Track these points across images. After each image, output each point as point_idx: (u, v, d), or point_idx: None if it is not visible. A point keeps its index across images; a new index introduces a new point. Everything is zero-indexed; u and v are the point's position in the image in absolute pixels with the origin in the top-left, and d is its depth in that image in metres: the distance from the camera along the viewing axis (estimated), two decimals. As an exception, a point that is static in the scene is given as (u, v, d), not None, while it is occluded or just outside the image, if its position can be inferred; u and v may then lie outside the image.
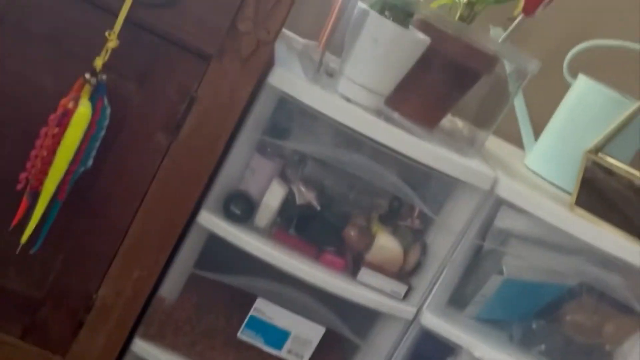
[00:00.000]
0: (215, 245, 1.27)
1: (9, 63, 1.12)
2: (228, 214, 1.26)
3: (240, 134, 1.22)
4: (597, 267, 1.32)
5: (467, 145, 1.34)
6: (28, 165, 1.10)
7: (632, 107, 1.31)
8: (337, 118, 1.20)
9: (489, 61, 1.32)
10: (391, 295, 1.31)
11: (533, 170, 1.45)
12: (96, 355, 1.26)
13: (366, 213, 1.33)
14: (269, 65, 1.20)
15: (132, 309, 1.25)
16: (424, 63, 1.25)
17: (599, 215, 1.30)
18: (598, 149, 1.33)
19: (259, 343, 1.31)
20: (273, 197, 1.27)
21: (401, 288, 1.31)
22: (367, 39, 1.21)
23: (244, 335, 1.31)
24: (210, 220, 1.25)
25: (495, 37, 1.37)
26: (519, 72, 1.32)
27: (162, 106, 1.16)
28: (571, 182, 1.32)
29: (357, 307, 1.30)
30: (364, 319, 1.36)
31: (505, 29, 1.35)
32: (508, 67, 1.36)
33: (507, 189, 1.26)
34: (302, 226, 1.30)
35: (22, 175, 1.11)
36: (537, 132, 1.48)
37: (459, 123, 1.49)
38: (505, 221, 1.30)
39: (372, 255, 1.30)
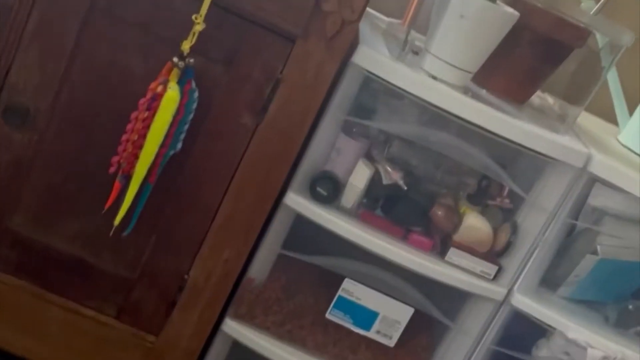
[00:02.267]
0: (302, 226, 1.27)
1: (100, 48, 1.15)
2: (314, 195, 1.26)
3: (326, 115, 1.22)
4: (697, 246, 1.27)
5: (558, 121, 1.30)
6: (119, 149, 1.13)
7: None
8: (423, 96, 1.19)
9: (580, 34, 1.27)
10: (481, 276, 1.29)
11: (627, 146, 1.40)
12: (188, 334, 1.28)
13: (454, 192, 1.31)
14: (353, 44, 1.19)
15: (223, 289, 1.27)
16: (513, 38, 1.22)
17: (699, 192, 1.25)
18: (698, 123, 1.28)
19: (347, 323, 1.31)
20: (359, 178, 1.26)
21: (491, 268, 1.29)
22: (453, 15, 1.18)
23: (332, 315, 1.31)
24: (297, 201, 1.25)
25: (586, 9, 1.33)
26: (612, 46, 1.27)
27: (249, 88, 1.17)
28: (669, 159, 1.27)
29: (446, 288, 1.29)
30: (454, 300, 1.34)
31: (597, 0, 1.31)
32: (600, 40, 1.32)
33: (601, 165, 1.22)
34: (389, 206, 1.29)
35: (114, 159, 1.13)
36: (632, 107, 1.43)
37: (550, 99, 1.45)
38: (599, 199, 1.26)
39: (460, 236, 1.28)
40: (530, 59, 1.28)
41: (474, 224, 1.29)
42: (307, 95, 1.16)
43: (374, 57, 1.19)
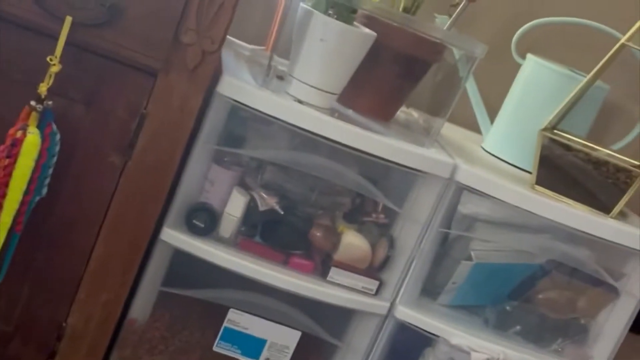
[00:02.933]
0: (182, 260, 1.26)
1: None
2: (191, 228, 1.25)
3: (195, 147, 1.21)
4: (564, 243, 1.33)
5: (423, 135, 1.34)
6: (-18, 199, 1.09)
7: (582, 82, 1.32)
8: (290, 121, 1.20)
9: (437, 49, 1.32)
10: (363, 292, 1.30)
11: (491, 153, 1.45)
12: (72, 384, 1.24)
13: (330, 213, 1.33)
14: (217, 74, 1.19)
15: (104, 333, 1.23)
16: (373, 57, 1.25)
17: (560, 192, 1.31)
18: (553, 126, 1.34)
19: (236, 354, 1.30)
20: (235, 206, 1.26)
21: (372, 284, 1.31)
22: (313, 39, 1.20)
23: (220, 347, 1.30)
24: (173, 236, 1.24)
25: (440, 24, 1.38)
26: (467, 58, 1.32)
27: (113, 126, 1.15)
28: (530, 162, 1.33)
29: (331, 307, 1.30)
30: (339, 318, 1.36)
31: (450, 16, 1.36)
32: (457, 52, 1.37)
33: (467, 174, 1.27)
34: (268, 232, 1.29)
35: (-23, 210, 1.09)
36: (493, 115, 1.49)
37: (415, 113, 1.49)
38: (468, 207, 1.30)
39: (340, 254, 1.30)
40: (391, 77, 1.32)
41: (352, 242, 1.31)
42: (173, 129, 1.15)
43: (238, 85, 1.19)
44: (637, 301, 1.35)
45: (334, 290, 1.29)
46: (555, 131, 1.34)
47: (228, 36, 1.15)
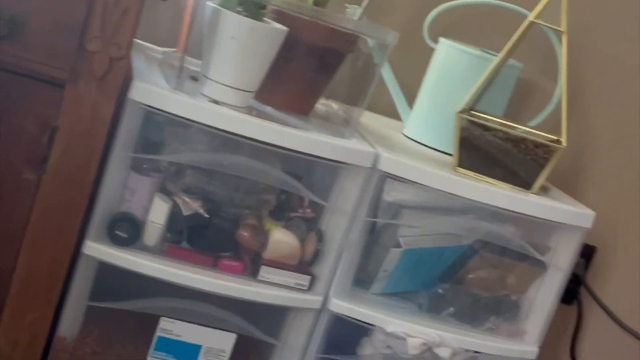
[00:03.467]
0: (108, 272, 1.23)
1: None
2: (114, 239, 1.22)
3: (112, 156, 1.18)
4: (489, 222, 1.35)
5: (344, 126, 1.34)
6: None
7: (494, 61, 1.34)
8: (207, 122, 1.18)
9: (350, 40, 1.32)
10: (296, 288, 1.30)
11: (412, 138, 1.46)
12: (3, 409, 1.20)
13: (256, 212, 1.31)
14: (127, 80, 1.16)
15: (32, 354, 1.19)
16: (287, 52, 1.24)
17: (482, 172, 1.33)
18: (470, 107, 1.36)
19: (171, 363, 1.29)
20: (158, 213, 1.24)
21: (304, 279, 1.30)
22: (224, 38, 1.19)
23: (154, 357, 1.27)
24: (96, 248, 1.21)
25: (352, 14, 1.37)
26: (380, 46, 1.33)
27: (25, 142, 1.11)
28: (451, 144, 1.34)
29: (264, 306, 1.29)
30: (274, 317, 1.35)
31: (360, 5, 1.36)
32: (370, 41, 1.37)
33: (389, 162, 1.27)
34: (194, 237, 1.27)
35: None
36: (412, 101, 1.50)
37: (334, 105, 1.49)
38: (393, 194, 1.30)
39: (269, 252, 1.29)
40: (307, 71, 1.31)
41: (281, 239, 1.30)
42: (87, 140, 1.12)
43: (150, 90, 1.17)
44: (565, 273, 1.37)
45: (266, 289, 1.28)
46: (473, 112, 1.35)
47: (137, 40, 1.13)
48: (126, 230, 1.22)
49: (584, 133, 1.64)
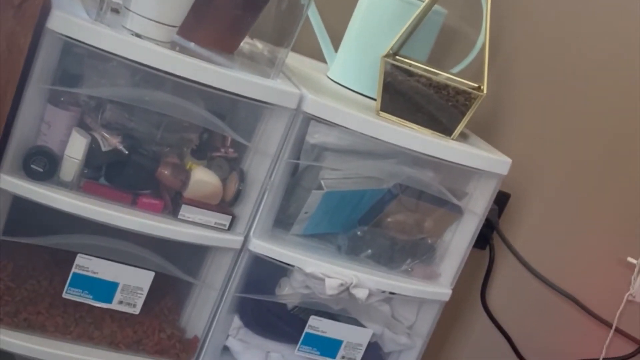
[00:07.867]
0: (23, 207, 1.20)
1: None
2: (30, 173, 1.19)
3: (28, 87, 1.14)
4: (409, 167, 1.37)
5: (268, 66, 1.32)
6: None
7: (420, 7, 1.34)
8: (128, 56, 1.15)
9: (277, -22, 1.30)
10: (216, 228, 1.29)
11: (337, 81, 1.46)
12: None
13: (177, 150, 1.30)
14: (46, 9, 1.12)
15: (-58, 290, 1.17)
16: (212, -13, 1.21)
17: (405, 117, 1.34)
18: (395, 52, 1.36)
19: (87, 299, 1.27)
20: (75, 148, 1.21)
21: (225, 219, 1.30)
22: (147, -30, 1.15)
23: (70, 294, 1.26)
24: (10, 182, 1.17)
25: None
26: (308, -15, 1.31)
27: None
28: (375, 89, 1.35)
29: (184, 245, 1.28)
30: (194, 256, 1.34)
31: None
32: (297, -19, 1.35)
33: (313, 104, 1.27)
34: (113, 173, 1.25)
35: None
36: (337, 43, 1.49)
37: (259, 45, 1.47)
38: (316, 136, 1.30)
39: (190, 192, 1.28)
40: (232, 7, 1.28)
41: (202, 178, 1.29)
42: (3, 70, 1.08)
43: (70, 20, 1.13)
44: (480, 218, 1.41)
45: (186, 228, 1.27)
46: (397, 57, 1.36)
47: (55, -32, 1.08)
48: (42, 164, 1.19)
49: (504, 81, 1.67)
